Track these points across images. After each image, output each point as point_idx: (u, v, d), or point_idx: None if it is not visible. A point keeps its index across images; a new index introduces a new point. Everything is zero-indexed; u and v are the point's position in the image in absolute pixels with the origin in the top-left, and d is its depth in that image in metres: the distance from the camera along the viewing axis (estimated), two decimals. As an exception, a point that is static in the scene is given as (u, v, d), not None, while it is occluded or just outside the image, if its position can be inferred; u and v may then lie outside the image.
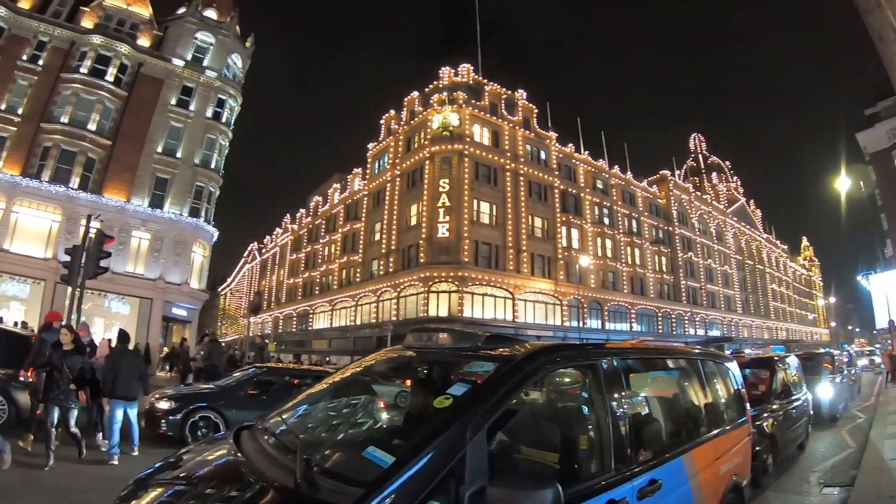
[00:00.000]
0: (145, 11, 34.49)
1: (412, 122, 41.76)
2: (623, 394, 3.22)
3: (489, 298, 37.52)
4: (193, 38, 34.56)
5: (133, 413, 8.45)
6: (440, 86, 41.67)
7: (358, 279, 42.93)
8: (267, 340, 38.79)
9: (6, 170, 29.90)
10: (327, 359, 39.54)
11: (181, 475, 2.88)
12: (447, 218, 36.50)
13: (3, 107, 31.12)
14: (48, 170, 30.17)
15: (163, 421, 9.71)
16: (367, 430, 3.70)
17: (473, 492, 2.16)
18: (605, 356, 3.34)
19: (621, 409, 3.13)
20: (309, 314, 51.74)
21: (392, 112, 45.43)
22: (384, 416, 3.96)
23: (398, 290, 37.96)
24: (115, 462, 7.66)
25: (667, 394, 4.26)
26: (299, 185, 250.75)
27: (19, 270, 29.58)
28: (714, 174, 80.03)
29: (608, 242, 46.95)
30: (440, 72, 42.55)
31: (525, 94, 43.84)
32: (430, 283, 36.08)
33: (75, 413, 7.43)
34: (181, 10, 35.68)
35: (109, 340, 14.32)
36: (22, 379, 9.41)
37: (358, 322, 42.11)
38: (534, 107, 44.22)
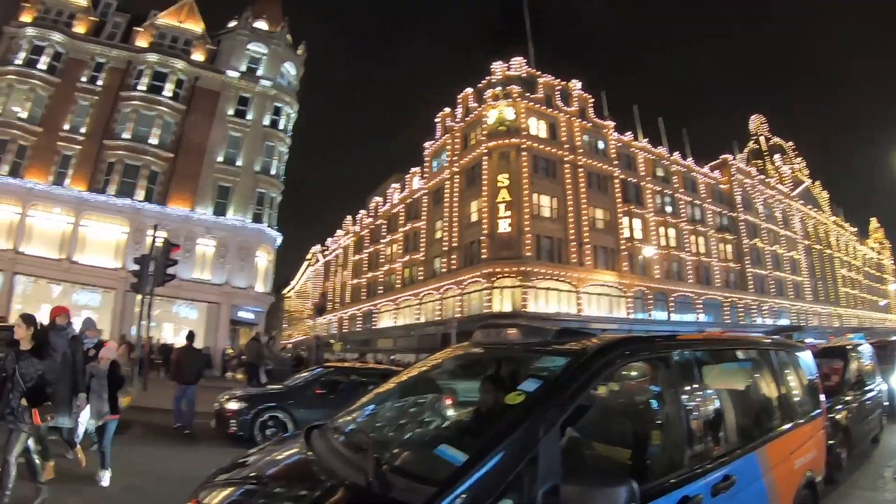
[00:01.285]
0: (197, 27, 35.62)
1: (468, 118, 42.08)
2: (694, 387, 3.19)
3: (552, 293, 37.24)
4: (246, 50, 35.57)
5: (193, 395, 11.10)
6: (493, 81, 41.65)
7: (421, 277, 43.32)
8: (332, 342, 39.46)
9: (73, 186, 31.37)
10: (392, 357, 39.93)
11: (254, 473, 2.94)
12: (508, 213, 36.51)
13: (67, 127, 32.62)
14: (114, 184, 31.45)
15: (232, 421, 10.15)
16: (436, 428, 3.69)
17: (546, 490, 2.15)
18: (676, 348, 3.32)
19: (693, 403, 3.09)
20: (373, 313, 52.61)
21: (447, 110, 45.81)
22: (453, 413, 3.93)
23: (461, 286, 38.03)
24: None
25: (738, 386, 4.14)
26: (358, 186, 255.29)
27: (90, 280, 31.27)
28: (777, 156, 77.54)
29: (671, 231, 46.05)
30: (492, 67, 42.47)
31: (579, 84, 43.40)
32: (493, 279, 36.09)
33: (21, 439, 5.22)
34: (232, 24, 36.75)
35: (128, 344, 17.09)
36: None
37: (422, 320, 42.47)
38: (589, 96, 43.78)
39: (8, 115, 32.37)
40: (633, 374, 3.61)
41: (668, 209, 46.50)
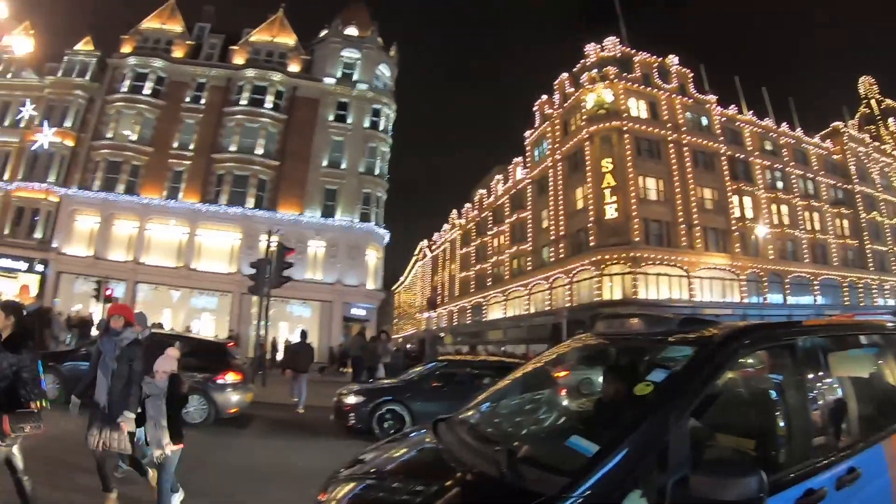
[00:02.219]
0: (290, 40, 36.87)
1: (566, 104, 41.88)
2: (819, 375, 3.09)
3: (663, 278, 36.12)
4: (340, 57, 36.66)
5: (303, 381, 13.77)
6: (588, 64, 41.32)
7: (529, 267, 43.15)
8: (442, 335, 39.43)
9: (187, 199, 32.96)
10: (502, 348, 39.71)
11: (385, 465, 3.03)
12: (614, 198, 35.86)
13: (176, 145, 34.25)
14: (225, 194, 32.86)
15: (351, 414, 10.58)
16: (561, 419, 3.70)
17: (676, 480, 2.11)
18: (802, 335, 3.22)
19: (817, 392, 3.01)
20: (482, 306, 53.02)
21: (545, 97, 45.87)
22: (576, 405, 3.92)
23: (570, 275, 37.56)
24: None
25: (863, 374, 3.82)
26: (462, 179, 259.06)
27: (207, 285, 33.04)
28: (891, 119, 72.13)
29: (783, 209, 43.63)
30: (586, 50, 42.12)
31: (676, 59, 42.26)
32: (602, 267, 35.48)
33: None
34: (323, 33, 37.97)
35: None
36: (220, 381, 10.44)
37: (532, 310, 42.26)
38: (687, 71, 42.49)
39: (120, 139, 34.36)
40: (759, 362, 3.48)
41: (780, 185, 44.16)
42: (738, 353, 2.83)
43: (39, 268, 33.80)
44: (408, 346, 40.87)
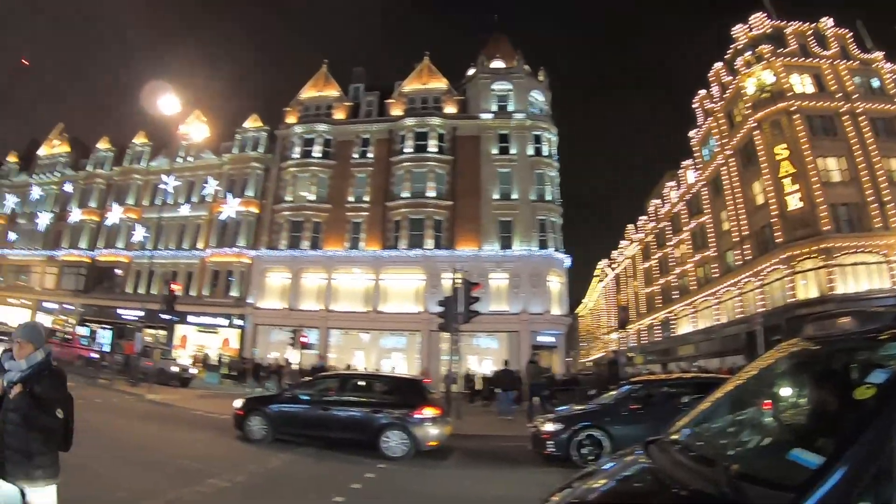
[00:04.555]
0: (441, 84, 40.06)
1: (725, 95, 41.22)
2: None
3: (860, 268, 34.29)
4: (491, 91, 39.12)
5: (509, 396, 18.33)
6: (739, 47, 40.64)
7: (716, 274, 42.26)
8: (631, 355, 39.66)
9: (368, 247, 36.45)
10: (695, 364, 39.49)
11: (598, 488, 3.15)
12: (795, 187, 34.57)
13: (351, 199, 38.01)
14: (403, 239, 35.84)
15: (549, 442, 10.86)
16: (776, 432, 3.49)
17: None
18: None
19: None
20: (670, 320, 52.24)
21: (702, 92, 45.14)
22: (791, 416, 3.66)
23: (759, 277, 36.50)
24: None
25: None
26: (633, 190, 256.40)
27: (395, 326, 36.00)
28: None
29: None
30: (733, 32, 41.33)
31: (831, 21, 40.11)
32: (793, 263, 34.25)
33: None
34: (471, 71, 40.90)
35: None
36: (417, 416, 11.15)
37: (723, 320, 41.15)
38: (845, 31, 40.20)
39: (299, 201, 38.57)
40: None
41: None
42: None
43: (238, 322, 38.76)
44: (599, 368, 41.24)
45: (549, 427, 11.10)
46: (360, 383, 13.34)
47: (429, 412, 11.34)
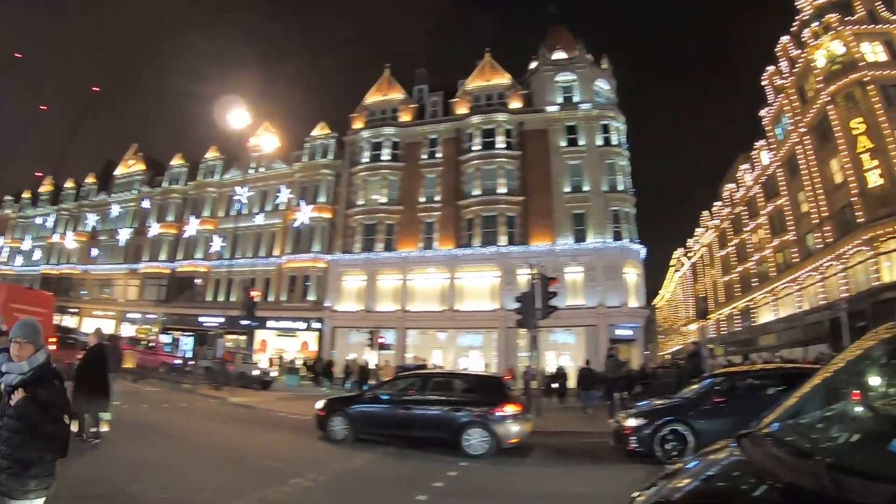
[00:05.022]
0: (504, 79, 40.67)
1: (795, 69, 40.13)
2: None
3: None
4: (555, 83, 39.51)
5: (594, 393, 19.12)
6: (805, 18, 39.63)
7: (795, 259, 41.31)
8: (711, 346, 39.26)
9: (442, 247, 37.33)
10: (777, 354, 38.95)
11: (690, 482, 3.11)
12: (874, 162, 33.44)
13: (422, 199, 39.03)
14: (476, 237, 36.65)
15: (632, 438, 10.76)
16: (874, 423, 3.37)
17: None
18: None
19: None
20: (750, 309, 51.32)
21: (771, 68, 44.06)
22: (886, 404, 3.52)
23: (842, 260, 35.73)
24: None
25: None
26: (706, 176, 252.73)
27: (472, 324, 36.72)
28: None
29: None
30: (797, 3, 40.41)
31: None
32: (877, 244, 33.40)
33: None
34: (533, 65, 41.55)
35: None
36: (499, 413, 11.27)
37: (805, 307, 40.18)
38: None
39: (371, 204, 39.89)
40: None
41: None
42: None
43: (316, 325, 40.41)
44: (677, 361, 40.93)
45: (632, 422, 11.09)
46: (440, 382, 13.43)
47: (510, 409, 11.44)
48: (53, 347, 18.91)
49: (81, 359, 10.53)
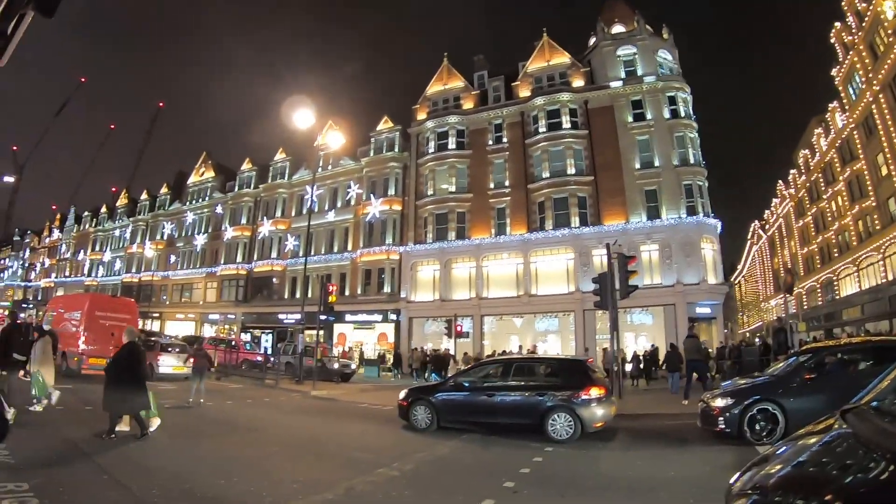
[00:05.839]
0: (564, 58, 41.17)
1: (863, 24, 38.97)
2: None
3: None
4: (616, 57, 39.64)
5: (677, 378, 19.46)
6: None
7: (877, 227, 40.21)
8: (793, 322, 38.76)
9: (515, 232, 38.41)
10: (863, 328, 38.22)
11: (793, 459, 3.19)
12: None
13: (492, 185, 40.16)
14: (549, 220, 37.45)
15: (720, 419, 10.63)
16: None
17: None
18: None
19: None
20: (833, 282, 50.45)
21: (838, 25, 42.89)
22: None
23: None
24: None
25: None
26: (778, 143, 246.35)
27: (548, 308, 37.59)
28: None
29: None
30: None
31: None
32: None
33: None
34: (592, 41, 41.98)
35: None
36: (584, 397, 11.41)
37: (890, 277, 39.11)
38: None
39: (441, 193, 41.27)
40: None
41: None
42: None
43: (393, 317, 42.16)
44: (761, 337, 40.66)
45: (719, 402, 10.91)
46: (522, 367, 13.55)
47: (594, 393, 11.55)
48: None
49: (112, 358, 11.00)
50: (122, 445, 9.50)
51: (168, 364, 23.51)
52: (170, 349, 24.71)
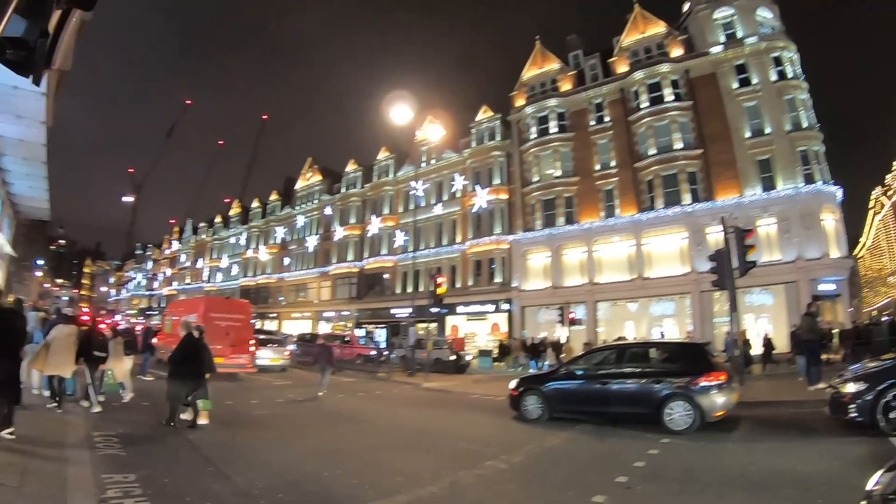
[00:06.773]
0: (660, 28, 41.19)
1: None
2: None
3: None
4: (713, 22, 38.88)
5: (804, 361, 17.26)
6: None
7: None
8: None
9: (625, 213, 39.25)
10: None
11: None
12: None
13: (598, 167, 41.26)
14: (659, 198, 37.91)
15: (851, 406, 9.86)
16: None
17: None
18: None
19: None
20: None
21: None
22: None
23: None
24: None
25: None
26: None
27: (663, 291, 37.74)
28: None
29: None
30: None
31: None
32: None
33: None
34: (686, 7, 41.87)
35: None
36: (703, 384, 11.05)
37: None
38: None
39: (546, 179, 42.84)
40: None
41: None
42: None
43: (505, 307, 44.23)
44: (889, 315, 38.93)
45: (851, 388, 10.10)
46: (637, 353, 13.42)
47: (714, 379, 11.15)
48: (254, 347, 24.66)
49: (174, 349, 11.62)
50: (229, 438, 10.32)
51: (265, 356, 26.72)
52: (268, 343, 28.50)
